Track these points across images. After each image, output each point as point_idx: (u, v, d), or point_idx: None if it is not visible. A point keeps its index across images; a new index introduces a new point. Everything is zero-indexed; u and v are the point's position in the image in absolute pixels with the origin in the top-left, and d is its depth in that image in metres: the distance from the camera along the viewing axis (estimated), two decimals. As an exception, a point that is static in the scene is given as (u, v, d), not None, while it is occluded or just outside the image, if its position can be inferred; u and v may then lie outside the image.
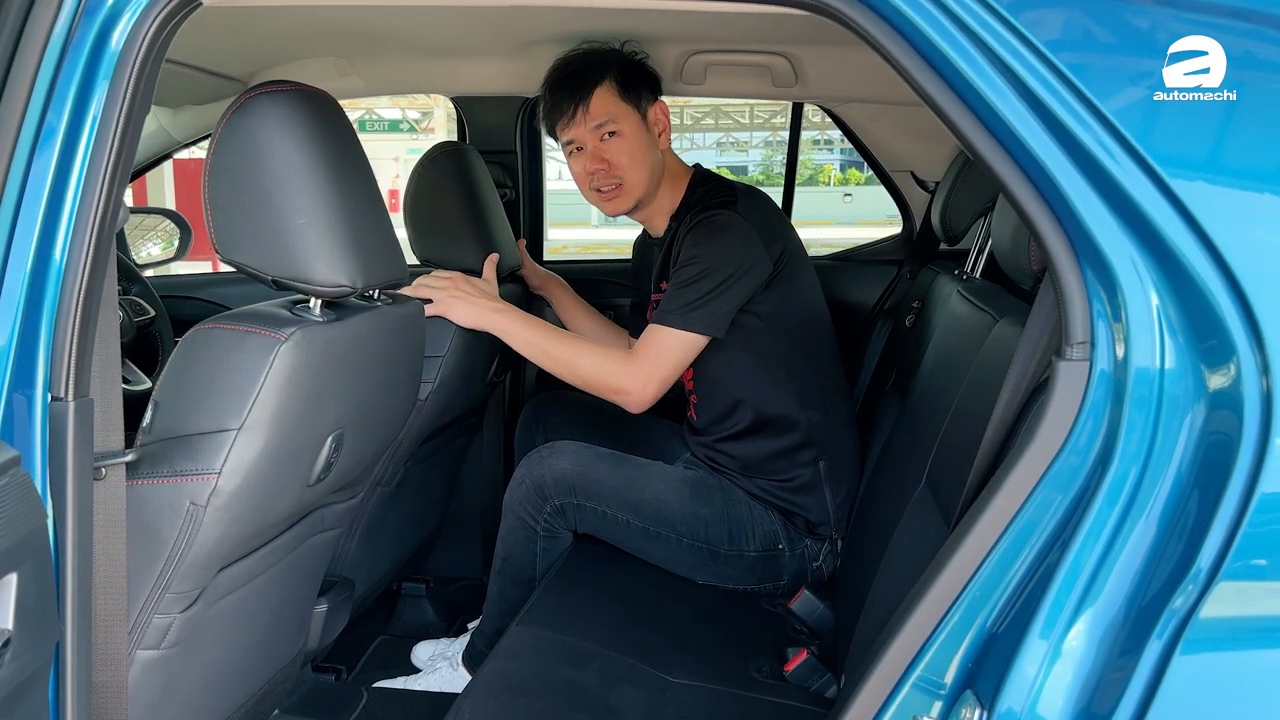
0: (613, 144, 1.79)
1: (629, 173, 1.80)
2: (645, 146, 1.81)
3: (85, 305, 0.94)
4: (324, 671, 1.98)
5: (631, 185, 1.81)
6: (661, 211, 1.91)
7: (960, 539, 0.87)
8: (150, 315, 2.22)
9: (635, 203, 1.85)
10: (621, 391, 1.70)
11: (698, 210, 1.77)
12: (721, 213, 1.73)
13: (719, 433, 1.85)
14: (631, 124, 1.79)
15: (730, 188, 1.84)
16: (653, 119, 1.83)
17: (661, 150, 1.85)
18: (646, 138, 1.81)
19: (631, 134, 1.79)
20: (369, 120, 17.49)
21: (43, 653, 0.89)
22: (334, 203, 1.19)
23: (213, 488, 1.11)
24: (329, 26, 1.81)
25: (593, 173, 1.82)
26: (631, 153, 1.79)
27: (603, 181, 1.82)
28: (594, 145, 1.80)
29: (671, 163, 1.90)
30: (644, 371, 1.69)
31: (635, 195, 1.83)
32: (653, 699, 1.38)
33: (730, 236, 1.71)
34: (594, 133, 1.79)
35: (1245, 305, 0.75)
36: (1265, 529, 0.74)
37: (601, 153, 1.79)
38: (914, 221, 2.71)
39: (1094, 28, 0.81)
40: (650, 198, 1.87)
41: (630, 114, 1.79)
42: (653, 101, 1.84)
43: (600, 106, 1.77)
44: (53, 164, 0.92)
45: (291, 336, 1.14)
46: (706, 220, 1.73)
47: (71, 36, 0.92)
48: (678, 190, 1.89)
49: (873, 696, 0.89)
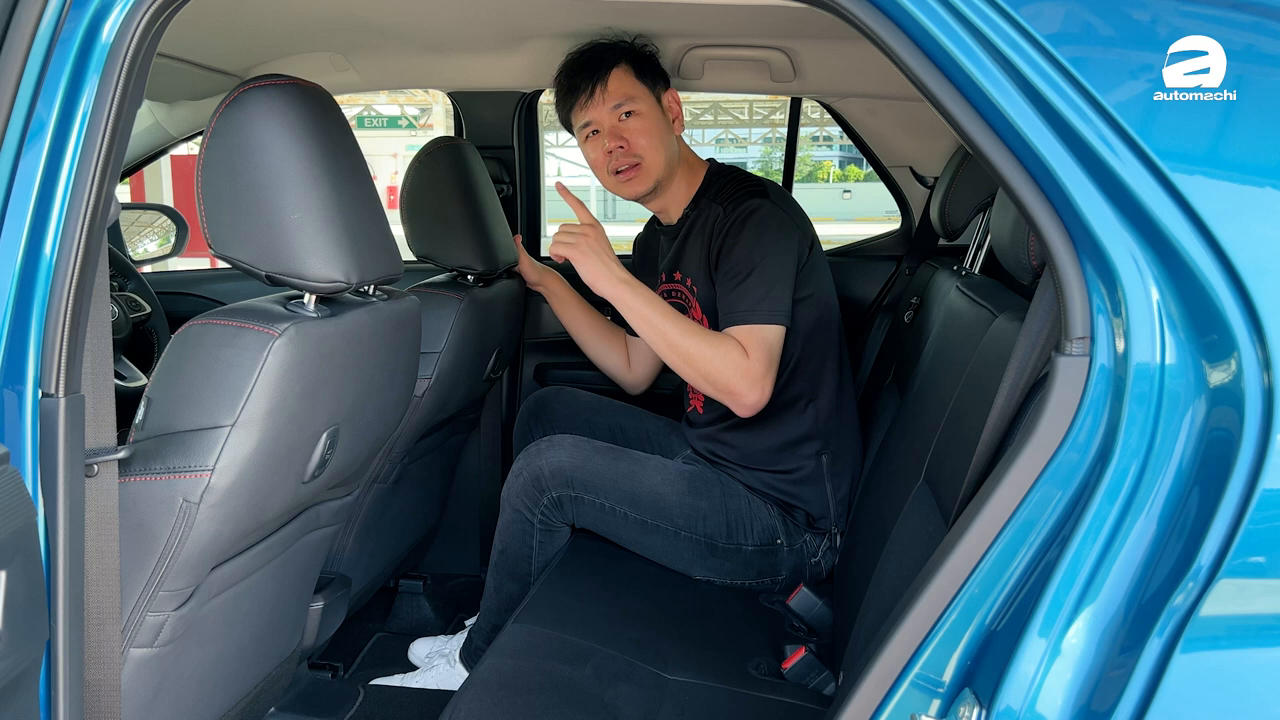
0: (631, 123, 1.81)
1: (647, 152, 1.81)
2: (663, 129, 1.83)
3: (76, 301, 0.93)
4: (321, 669, 1.98)
5: (650, 165, 1.82)
6: (676, 199, 1.91)
7: (959, 536, 0.86)
8: (146, 311, 2.22)
9: (654, 184, 1.85)
10: (736, 394, 1.66)
11: (730, 202, 1.77)
12: (760, 203, 1.74)
13: (730, 420, 1.83)
14: (649, 105, 1.81)
15: (757, 179, 1.86)
16: (667, 104, 1.86)
17: (675, 137, 1.86)
18: (663, 121, 1.84)
19: (649, 114, 1.81)
20: (368, 117, 17.47)
21: (32, 651, 0.89)
22: (328, 198, 1.18)
23: (206, 484, 1.11)
24: (324, 21, 1.80)
25: (610, 151, 1.82)
26: (649, 132, 1.81)
27: (621, 160, 1.82)
28: (612, 125, 1.82)
29: (686, 152, 1.91)
30: (759, 373, 1.65)
31: (653, 176, 1.83)
32: (650, 696, 1.38)
33: (776, 227, 1.72)
34: (612, 113, 1.81)
35: (1246, 300, 0.75)
36: (1266, 526, 0.73)
37: (620, 131, 1.81)
38: (913, 217, 2.70)
39: (1095, 21, 0.81)
40: (667, 183, 1.88)
41: (647, 95, 1.81)
42: (666, 89, 1.87)
43: (618, 86, 1.80)
44: (43, 158, 0.92)
45: (285, 332, 1.13)
46: (747, 212, 1.73)
47: (60, 29, 0.91)
48: (693, 180, 1.90)
49: (871, 694, 0.88)
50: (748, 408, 1.67)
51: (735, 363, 1.64)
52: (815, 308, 1.81)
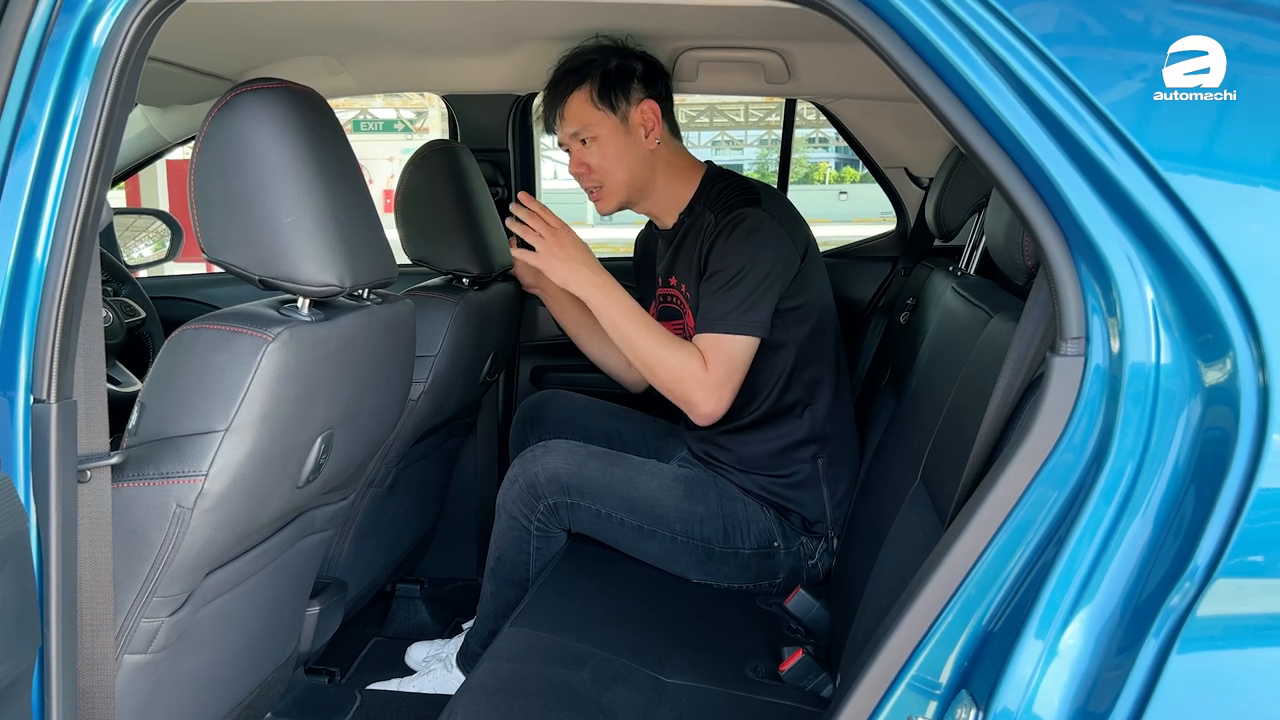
0: (590, 148, 1.82)
1: (607, 176, 1.83)
2: (624, 149, 1.82)
3: (68, 306, 0.93)
4: (317, 674, 1.97)
5: (612, 187, 1.84)
6: (667, 206, 1.91)
7: (955, 537, 0.86)
8: (141, 316, 2.21)
9: (621, 203, 1.88)
10: (690, 403, 1.69)
11: (722, 209, 1.77)
12: (751, 211, 1.72)
13: (726, 425, 1.82)
14: (608, 128, 1.80)
15: (752, 185, 1.84)
16: (637, 120, 1.81)
17: (652, 150, 1.83)
18: (626, 140, 1.81)
19: (608, 137, 1.80)
20: (363, 120, 17.48)
21: (24, 658, 0.88)
22: (321, 201, 1.17)
23: (199, 490, 1.10)
24: (318, 24, 1.80)
25: (574, 175, 1.88)
26: (607, 156, 1.81)
27: (586, 184, 1.87)
28: (575, 149, 1.85)
29: (675, 158, 1.88)
30: (715, 384, 1.67)
31: (618, 196, 1.86)
32: (647, 700, 1.37)
33: (764, 235, 1.71)
34: (572, 139, 1.84)
35: (1241, 299, 0.75)
36: (1262, 525, 0.73)
37: (581, 156, 1.84)
38: (908, 218, 2.70)
39: (1089, 21, 0.81)
40: (642, 195, 1.88)
41: (605, 119, 1.80)
42: (639, 101, 1.81)
43: (573, 114, 1.81)
44: (33, 163, 0.91)
45: (279, 337, 1.13)
46: (737, 220, 1.72)
47: (50, 32, 0.91)
48: (686, 185, 1.88)
49: (867, 696, 0.88)
50: (703, 417, 1.69)
51: (693, 372, 1.67)
52: (810, 315, 1.80)
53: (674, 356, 1.68)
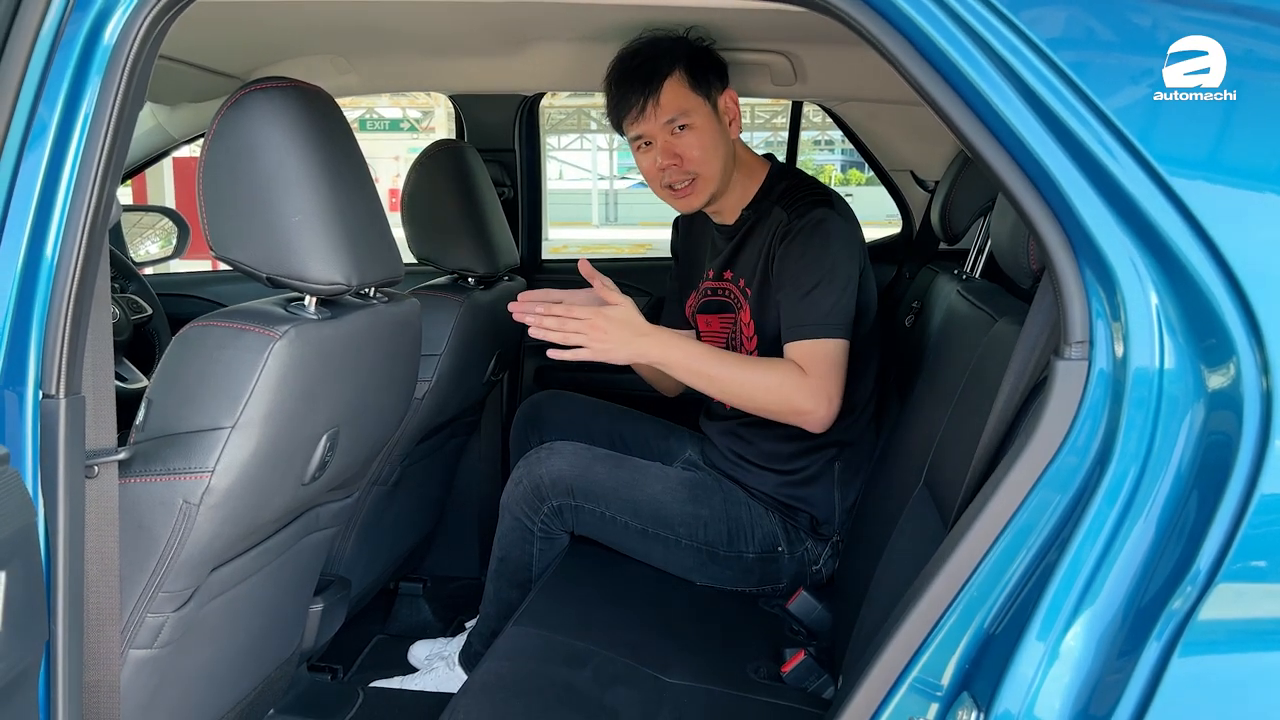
0: (685, 137, 1.70)
1: (703, 166, 1.72)
2: (718, 138, 1.73)
3: (77, 302, 0.93)
4: (320, 671, 1.98)
5: (706, 179, 1.73)
6: (732, 201, 1.83)
7: (958, 539, 0.86)
8: (147, 313, 2.22)
9: (710, 197, 1.77)
10: (804, 412, 1.60)
11: (795, 209, 1.71)
12: (828, 213, 1.68)
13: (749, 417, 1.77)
14: (703, 116, 1.71)
15: (822, 185, 1.80)
16: (723, 108, 1.75)
17: (732, 140, 1.78)
18: (718, 129, 1.73)
19: (704, 126, 1.71)
20: (370, 119, 17.49)
21: (31, 652, 0.89)
22: (328, 200, 1.18)
23: (206, 486, 1.11)
24: (326, 23, 1.80)
25: (664, 168, 1.74)
26: (704, 145, 1.71)
27: (675, 177, 1.74)
28: (665, 140, 1.71)
29: (742, 152, 1.83)
30: (823, 388, 1.60)
31: (709, 190, 1.75)
32: (648, 700, 1.38)
33: (843, 238, 1.67)
34: (664, 127, 1.70)
35: (1245, 304, 0.75)
36: (1265, 530, 0.73)
37: (673, 147, 1.71)
38: (913, 221, 2.70)
39: (1095, 26, 0.81)
40: (723, 190, 1.79)
41: (702, 105, 1.70)
42: (722, 90, 1.76)
43: (671, 100, 1.68)
44: (44, 160, 0.92)
45: (285, 334, 1.13)
46: (815, 222, 1.67)
47: (62, 31, 0.91)
48: (752, 181, 1.82)
49: (869, 698, 0.88)
50: (819, 423, 1.61)
51: (794, 382, 1.60)
52: (864, 318, 1.76)
53: (768, 376, 1.62)
